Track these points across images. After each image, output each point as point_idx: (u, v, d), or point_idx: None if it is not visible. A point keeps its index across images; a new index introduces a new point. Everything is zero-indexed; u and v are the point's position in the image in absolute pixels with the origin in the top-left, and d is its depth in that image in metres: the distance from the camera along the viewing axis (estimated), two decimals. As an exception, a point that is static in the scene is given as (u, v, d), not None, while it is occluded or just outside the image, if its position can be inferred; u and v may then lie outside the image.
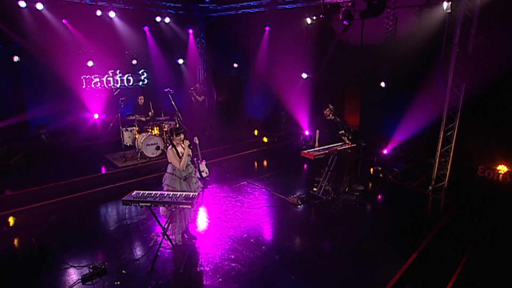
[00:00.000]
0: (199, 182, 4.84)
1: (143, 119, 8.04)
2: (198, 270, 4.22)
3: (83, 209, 5.83)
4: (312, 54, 10.41)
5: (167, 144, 8.02)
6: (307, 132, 10.28)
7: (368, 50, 9.52)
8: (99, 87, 8.88)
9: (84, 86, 8.75)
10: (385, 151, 8.55)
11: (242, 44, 11.48)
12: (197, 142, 7.44)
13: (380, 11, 9.14)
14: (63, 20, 8.37)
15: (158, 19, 10.11)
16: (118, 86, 9.31)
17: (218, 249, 4.68)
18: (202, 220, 5.50)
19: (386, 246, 4.85)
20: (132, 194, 4.05)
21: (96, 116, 9.04)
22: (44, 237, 4.93)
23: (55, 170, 7.13)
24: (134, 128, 7.78)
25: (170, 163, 4.50)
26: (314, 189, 6.71)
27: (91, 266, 4.08)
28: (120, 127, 7.68)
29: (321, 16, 9.81)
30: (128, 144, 7.95)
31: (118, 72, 9.35)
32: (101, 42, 9.07)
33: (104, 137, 8.81)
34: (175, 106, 8.29)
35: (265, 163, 8.90)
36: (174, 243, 4.68)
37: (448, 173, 6.65)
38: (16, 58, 7.87)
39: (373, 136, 8.89)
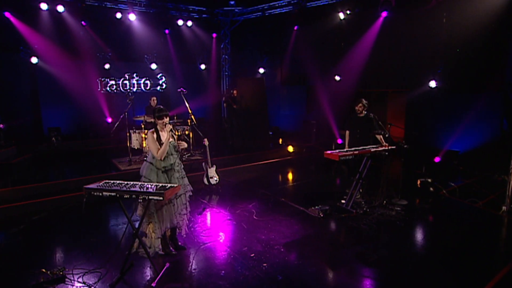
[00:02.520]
0: (185, 179, 4.15)
1: (152, 120, 7.75)
2: (174, 286, 3.45)
3: (71, 211, 5.43)
4: (346, 53, 9.61)
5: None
6: (339, 141, 9.27)
7: (414, 45, 8.49)
8: (115, 91, 8.92)
9: (99, 89, 8.85)
10: (436, 160, 7.22)
11: (268, 47, 11.11)
12: (206, 144, 6.94)
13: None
14: (83, 22, 8.66)
15: (180, 22, 10.16)
16: (134, 90, 9.30)
17: (207, 263, 3.89)
18: (198, 229, 4.77)
19: (443, 273, 3.68)
20: (100, 183, 3.49)
21: (109, 120, 9.01)
22: (16, 236, 4.55)
23: (57, 172, 6.99)
24: (141, 130, 7.50)
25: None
26: (342, 201, 5.69)
27: (49, 272, 3.52)
28: (127, 129, 7.44)
29: (356, 10, 9.13)
30: (136, 147, 7.65)
31: (134, 75, 9.37)
32: (119, 45, 9.24)
33: (116, 141, 8.68)
34: (188, 107, 7.92)
35: (288, 173, 8.04)
36: (150, 251, 3.99)
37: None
38: (34, 60, 8.21)
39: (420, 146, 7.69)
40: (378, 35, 9.01)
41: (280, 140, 9.57)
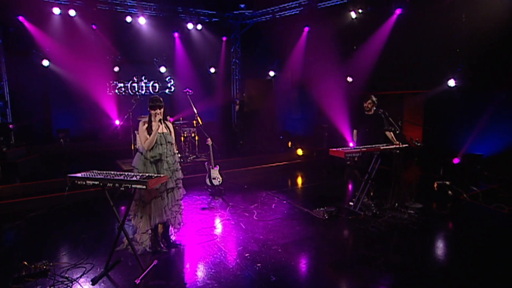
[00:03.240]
0: (179, 172, 3.99)
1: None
2: (159, 283, 3.25)
3: (69, 209, 5.38)
4: (359, 53, 9.34)
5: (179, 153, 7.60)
6: (351, 145, 8.91)
7: (430, 43, 8.14)
8: (123, 93, 9.01)
9: (108, 92, 8.96)
10: (455, 161, 6.75)
11: (278, 50, 10.98)
12: (210, 144, 6.80)
13: (445, -6, 7.87)
14: (93, 26, 8.86)
15: (190, 26, 10.23)
16: (143, 92, 9.36)
17: (198, 261, 3.67)
18: (193, 228, 4.57)
19: (466, 282, 3.30)
20: (86, 173, 3.38)
21: (117, 122, 9.09)
22: (8, 232, 4.51)
23: (59, 172, 7.02)
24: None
25: (146, 140, 3.80)
26: (351, 203, 5.35)
27: (33, 266, 3.41)
28: (131, 129, 7.43)
29: (368, 8, 8.90)
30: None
31: (143, 78, 9.45)
32: (129, 48, 9.37)
33: (124, 143, 8.69)
34: (194, 108, 7.84)
35: (295, 176, 7.77)
36: (139, 248, 3.83)
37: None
38: (46, 63, 8.44)
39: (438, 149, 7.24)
40: (391, 33, 8.71)
41: (289, 143, 9.32)
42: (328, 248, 4.01)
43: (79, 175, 3.25)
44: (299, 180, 7.46)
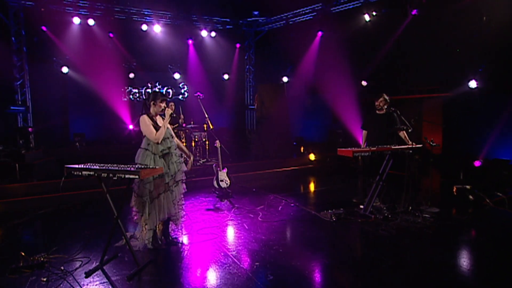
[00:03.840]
0: (182, 165, 3.96)
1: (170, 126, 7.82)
2: (152, 279, 3.18)
3: (76, 208, 5.46)
4: (373, 56, 9.15)
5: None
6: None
7: (449, 43, 7.86)
8: (138, 99, 9.23)
9: (124, 98, 9.22)
10: (476, 164, 6.36)
11: (292, 55, 10.96)
12: (218, 146, 6.78)
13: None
14: (110, 34, 9.21)
15: (204, 33, 10.43)
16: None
17: (195, 259, 3.58)
18: (195, 227, 4.50)
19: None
20: (83, 165, 3.40)
21: (131, 127, 9.28)
22: (16, 226, 4.61)
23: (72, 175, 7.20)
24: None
25: (145, 136, 3.79)
26: (361, 206, 5.12)
27: (31, 258, 3.44)
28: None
29: (383, 10, 8.75)
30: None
31: (157, 84, 9.67)
32: (144, 55, 9.65)
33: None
34: (205, 112, 7.89)
35: (307, 180, 7.58)
36: (137, 244, 3.79)
37: None
38: (65, 70, 8.82)
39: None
40: (407, 35, 8.50)
41: (302, 148, 9.16)
42: (332, 249, 3.81)
43: (76, 166, 3.27)
44: (310, 185, 7.28)
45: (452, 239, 4.11)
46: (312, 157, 8.58)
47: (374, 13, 8.77)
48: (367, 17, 8.83)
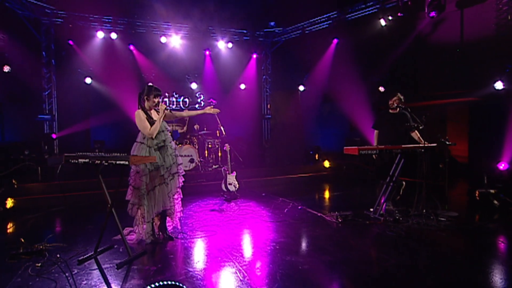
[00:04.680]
0: (179, 158, 4.00)
1: (180, 129, 7.99)
2: (142, 268, 3.16)
3: (85, 207, 5.64)
4: (390, 61, 8.93)
5: (200, 160, 7.71)
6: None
7: (472, 46, 7.54)
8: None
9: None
10: (503, 167, 5.89)
11: (308, 64, 10.95)
12: (227, 150, 6.81)
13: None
14: (130, 46, 9.71)
15: (220, 44, 10.70)
16: (174, 107, 9.84)
17: (187, 252, 3.54)
18: (195, 225, 4.47)
19: None
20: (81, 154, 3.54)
21: (148, 135, 9.59)
22: (28, 220, 4.81)
23: (88, 176, 7.46)
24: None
25: (140, 131, 3.89)
26: (371, 209, 4.89)
27: (32, 246, 3.56)
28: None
29: (399, 14, 8.60)
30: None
31: (174, 93, 9.98)
32: (162, 66, 10.03)
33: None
34: (218, 119, 8.00)
35: (320, 187, 7.37)
36: (135, 237, 3.82)
37: None
38: (88, 80, 9.35)
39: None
40: (425, 38, 8.27)
41: (317, 156, 8.97)
42: (332, 248, 3.62)
43: (73, 154, 3.40)
44: (321, 190, 7.05)
45: (467, 240, 3.79)
46: (326, 164, 8.38)
47: (390, 18, 8.64)
48: (382, 22, 8.70)
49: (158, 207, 3.79)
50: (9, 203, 5.14)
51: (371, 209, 4.86)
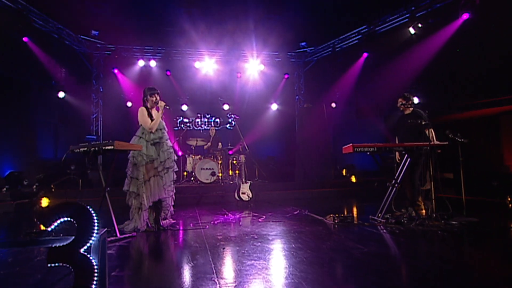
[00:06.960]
0: (173, 154, 4.44)
1: (204, 145, 8.56)
2: (122, 245, 3.53)
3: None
4: (424, 71, 8.63)
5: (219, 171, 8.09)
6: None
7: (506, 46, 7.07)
8: (189, 127, 10.38)
9: (174, 127, 10.50)
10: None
11: (339, 81, 11.05)
12: (242, 161, 7.13)
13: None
14: (167, 72, 10.87)
15: (253, 66, 11.37)
16: (206, 127, 10.57)
17: (174, 240, 3.85)
18: (194, 222, 4.76)
19: None
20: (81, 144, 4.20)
21: (180, 153, 10.35)
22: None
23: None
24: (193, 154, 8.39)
25: (140, 125, 4.46)
26: (379, 214, 4.71)
27: (44, 229, 4.19)
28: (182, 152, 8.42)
29: (430, 20, 8.46)
30: (189, 170, 8.46)
31: (206, 114, 10.76)
32: (196, 89, 10.98)
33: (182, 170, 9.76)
34: (241, 134, 8.44)
35: (341, 200, 7.17)
36: (130, 225, 4.23)
37: None
38: (129, 104, 10.62)
39: None
40: (460, 42, 7.92)
41: (344, 171, 8.77)
42: (314, 243, 3.60)
43: (75, 146, 4.06)
44: (340, 202, 6.85)
45: (486, 244, 3.48)
46: (353, 179, 8.15)
47: (419, 25, 8.51)
48: (411, 30, 8.59)
49: (154, 196, 4.22)
50: (44, 202, 6.01)
51: (379, 214, 4.68)
